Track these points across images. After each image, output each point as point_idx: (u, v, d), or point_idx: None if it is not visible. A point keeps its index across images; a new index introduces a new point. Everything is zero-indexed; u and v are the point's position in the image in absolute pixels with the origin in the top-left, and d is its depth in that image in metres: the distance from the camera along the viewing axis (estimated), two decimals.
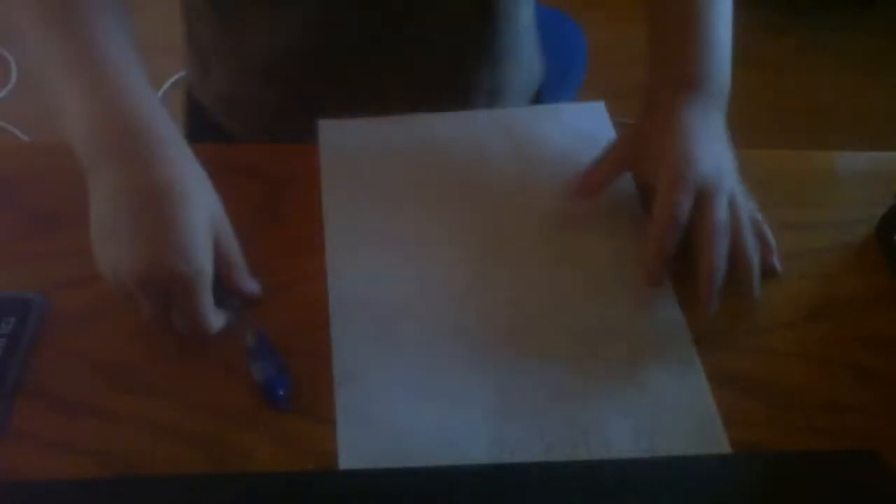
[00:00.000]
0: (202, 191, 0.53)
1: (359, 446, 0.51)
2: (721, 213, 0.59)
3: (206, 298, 0.51)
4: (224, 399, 0.53)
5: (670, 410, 0.55)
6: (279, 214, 0.64)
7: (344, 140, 0.69)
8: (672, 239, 0.58)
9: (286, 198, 0.65)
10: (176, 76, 2.01)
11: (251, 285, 0.56)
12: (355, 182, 0.66)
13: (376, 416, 0.53)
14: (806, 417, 0.56)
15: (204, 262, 0.51)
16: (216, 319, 0.53)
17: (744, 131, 0.69)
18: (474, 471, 0.51)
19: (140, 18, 0.61)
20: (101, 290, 0.57)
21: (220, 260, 0.53)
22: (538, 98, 0.89)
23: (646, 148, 0.63)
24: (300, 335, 0.57)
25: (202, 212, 0.52)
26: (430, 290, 0.60)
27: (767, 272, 0.63)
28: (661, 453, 0.52)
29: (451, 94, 0.78)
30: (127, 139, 0.52)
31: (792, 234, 0.66)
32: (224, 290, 0.55)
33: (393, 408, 0.53)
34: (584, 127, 0.72)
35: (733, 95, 0.65)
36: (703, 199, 0.59)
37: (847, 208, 0.70)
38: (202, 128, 0.85)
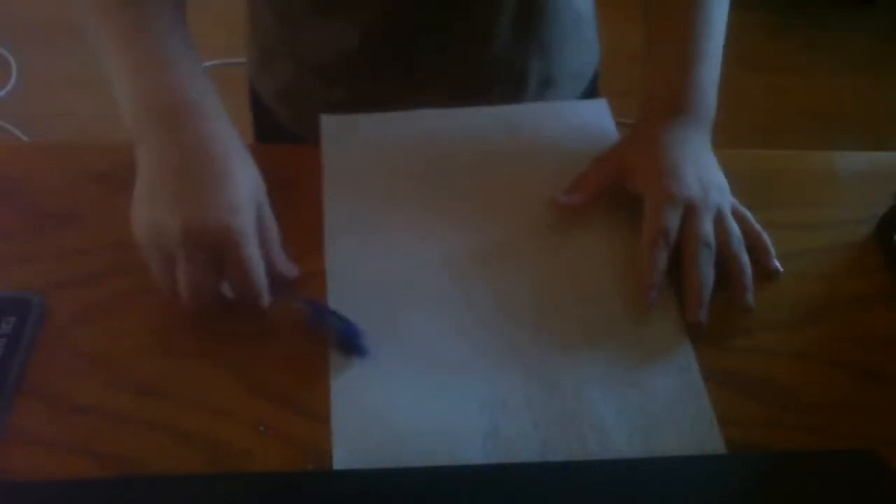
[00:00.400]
0: (246, 162, 0.56)
1: (353, 442, 0.51)
2: (706, 227, 0.61)
3: (256, 254, 0.52)
4: (224, 399, 0.53)
5: (665, 408, 0.55)
6: (279, 214, 0.63)
7: (346, 135, 0.69)
8: (662, 256, 0.60)
9: (286, 198, 0.65)
10: None
11: (288, 266, 0.57)
12: (356, 177, 0.66)
13: (371, 412, 0.53)
14: (805, 417, 0.56)
15: (250, 225, 0.52)
16: (266, 286, 0.53)
17: (744, 131, 0.70)
18: (472, 471, 0.51)
19: None
20: (101, 290, 0.58)
21: (260, 236, 0.54)
22: (593, 84, 0.89)
23: (632, 166, 0.65)
24: (298, 334, 0.56)
25: (246, 178, 0.54)
26: (427, 286, 0.60)
27: (770, 275, 0.63)
28: (654, 450, 0.53)
29: (503, 84, 0.79)
30: (175, 111, 0.55)
31: (792, 234, 0.66)
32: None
33: (388, 404, 0.53)
34: (587, 124, 0.72)
35: (734, 95, 0.66)
36: (688, 215, 0.61)
37: (847, 208, 0.70)
38: (263, 120, 0.87)
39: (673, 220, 0.60)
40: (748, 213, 0.65)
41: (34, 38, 2.12)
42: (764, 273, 0.63)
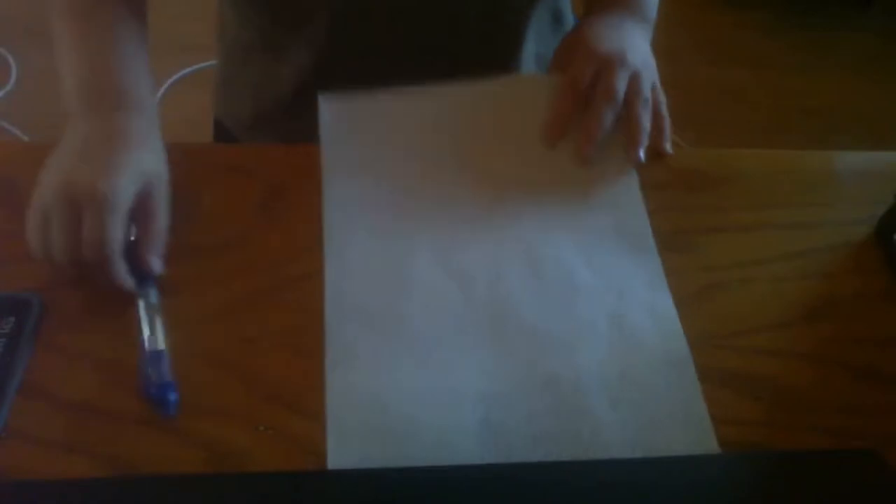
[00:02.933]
0: (148, 152, 0.59)
1: (348, 438, 0.51)
2: (617, 82, 0.63)
3: (115, 223, 0.53)
4: (223, 399, 0.53)
5: (659, 405, 0.55)
6: (279, 214, 0.64)
7: (344, 114, 0.68)
8: (569, 101, 0.63)
9: (286, 198, 0.65)
10: (176, 76, 2.01)
11: (154, 260, 0.57)
12: (355, 158, 0.65)
13: (365, 407, 0.53)
14: (805, 417, 0.56)
15: (121, 192, 0.54)
16: (122, 266, 0.55)
17: (743, 131, 0.70)
18: (470, 471, 0.51)
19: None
20: (101, 290, 0.58)
21: (140, 221, 0.57)
22: None
23: (572, 54, 0.67)
24: (298, 335, 0.56)
25: (138, 162, 0.57)
26: (424, 283, 0.60)
27: (659, 152, 0.67)
28: (646, 446, 0.53)
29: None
30: (107, 98, 0.60)
31: (792, 234, 0.66)
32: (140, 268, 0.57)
33: (382, 399, 0.53)
34: None
35: (734, 95, 0.66)
36: (603, 69, 0.63)
37: (847, 208, 0.70)
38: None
39: (585, 73, 0.63)
40: (663, 98, 0.67)
41: (34, 38, 2.11)
42: (654, 150, 0.66)
